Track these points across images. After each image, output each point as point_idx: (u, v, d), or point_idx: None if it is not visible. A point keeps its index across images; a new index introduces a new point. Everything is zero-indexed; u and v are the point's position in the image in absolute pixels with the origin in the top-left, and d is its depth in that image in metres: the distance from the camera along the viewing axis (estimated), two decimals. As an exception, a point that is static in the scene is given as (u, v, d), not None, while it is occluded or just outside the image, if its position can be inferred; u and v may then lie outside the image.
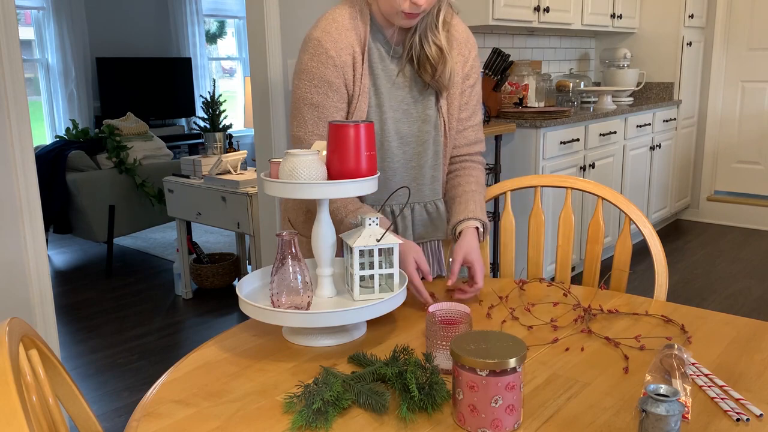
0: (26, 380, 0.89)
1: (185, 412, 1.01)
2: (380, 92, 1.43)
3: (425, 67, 1.44)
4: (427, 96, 1.48)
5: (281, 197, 1.53)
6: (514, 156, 3.43)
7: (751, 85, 5.02)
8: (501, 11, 3.42)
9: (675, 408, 0.86)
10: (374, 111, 1.43)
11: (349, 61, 1.38)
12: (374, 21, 1.42)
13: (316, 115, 1.39)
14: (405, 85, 1.46)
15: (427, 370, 1.04)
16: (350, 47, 1.38)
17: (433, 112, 1.49)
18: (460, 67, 1.51)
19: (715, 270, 4.14)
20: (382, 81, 1.44)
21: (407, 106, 1.47)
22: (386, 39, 1.44)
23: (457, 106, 1.52)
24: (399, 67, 1.45)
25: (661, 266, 1.55)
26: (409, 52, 1.43)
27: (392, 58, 1.45)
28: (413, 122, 1.47)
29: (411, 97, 1.47)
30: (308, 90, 1.39)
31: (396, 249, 1.29)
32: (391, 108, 1.44)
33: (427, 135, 1.49)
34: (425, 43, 1.42)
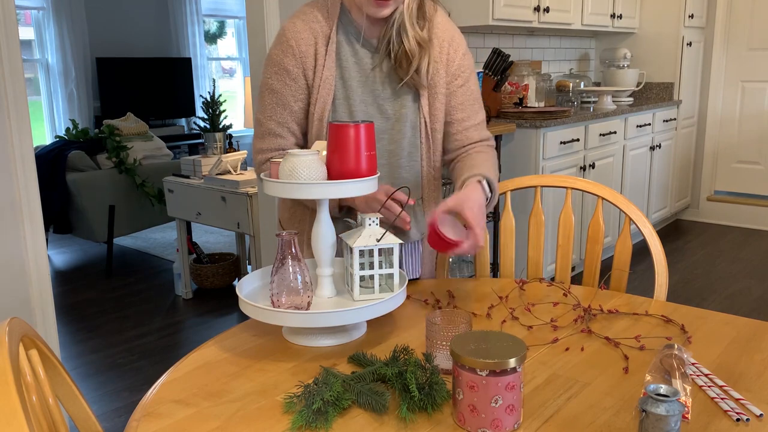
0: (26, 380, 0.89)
1: (185, 412, 1.01)
2: (349, 85, 1.42)
3: (401, 63, 1.41)
4: (405, 94, 1.45)
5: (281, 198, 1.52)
6: (514, 156, 3.43)
7: (751, 85, 5.02)
8: (501, 11, 3.42)
9: (675, 408, 0.86)
10: (342, 103, 1.43)
11: (309, 51, 1.39)
12: (347, 14, 1.42)
13: (275, 101, 1.42)
14: (381, 80, 1.44)
15: (427, 370, 1.04)
16: (312, 39, 1.39)
17: (410, 111, 1.46)
18: (443, 67, 1.46)
19: (715, 270, 4.14)
20: (352, 74, 1.42)
21: (382, 102, 1.44)
22: (361, 33, 1.42)
23: (442, 107, 1.48)
24: (375, 62, 1.43)
25: (661, 266, 1.55)
26: (387, 46, 1.40)
27: (369, 53, 1.43)
28: (386, 119, 1.45)
29: (386, 94, 1.44)
30: (270, 77, 1.42)
31: (396, 249, 1.29)
32: (362, 102, 1.43)
33: (401, 134, 1.46)
34: (403, 36, 1.38)
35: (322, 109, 1.41)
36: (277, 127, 1.44)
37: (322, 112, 1.41)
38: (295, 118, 1.44)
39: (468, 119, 1.52)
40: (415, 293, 1.50)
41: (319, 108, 1.41)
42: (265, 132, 1.44)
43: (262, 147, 1.46)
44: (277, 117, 1.43)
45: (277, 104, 1.42)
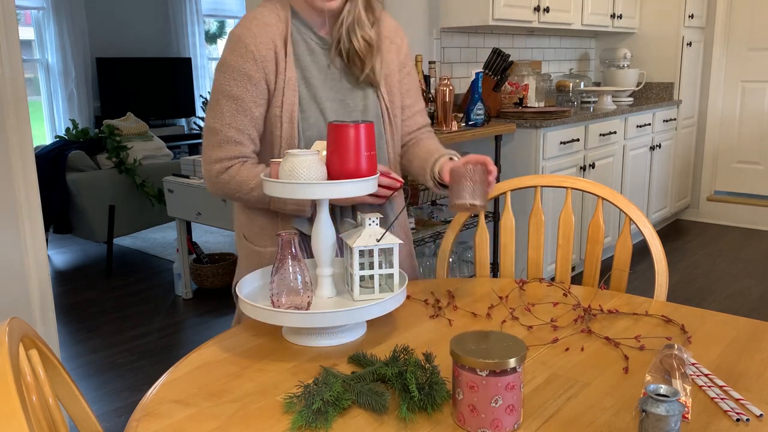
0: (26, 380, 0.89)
1: (185, 412, 1.01)
2: (312, 84, 1.43)
3: (354, 62, 1.44)
4: (365, 87, 1.48)
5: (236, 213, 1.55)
6: (514, 156, 3.43)
7: (751, 85, 5.02)
8: (501, 11, 3.42)
9: (675, 408, 0.86)
10: (310, 103, 1.43)
11: (269, 55, 1.39)
12: (297, 15, 1.43)
13: (235, 108, 1.39)
14: (339, 76, 1.46)
15: (427, 370, 1.04)
16: (271, 42, 1.39)
17: (372, 102, 1.49)
18: (395, 56, 1.53)
19: (715, 270, 4.14)
20: (313, 73, 1.44)
21: (344, 97, 1.46)
22: (314, 31, 1.44)
23: (398, 95, 1.54)
24: (329, 59, 1.45)
25: (661, 266, 1.55)
26: (338, 45, 1.43)
27: (324, 50, 1.45)
28: (352, 112, 1.47)
29: (346, 89, 1.47)
30: (228, 83, 1.39)
31: (396, 249, 1.29)
32: (327, 99, 1.44)
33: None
34: (353, 36, 1.42)
35: (291, 111, 1.40)
36: (237, 135, 1.40)
37: (291, 113, 1.40)
38: (255, 124, 1.42)
39: (414, 105, 1.59)
40: (415, 293, 1.50)
41: (287, 110, 1.40)
42: (223, 140, 1.41)
43: (220, 156, 1.42)
44: (237, 124, 1.40)
45: (237, 111, 1.40)
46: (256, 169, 1.41)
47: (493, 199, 2.78)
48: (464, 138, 2.97)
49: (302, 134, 1.42)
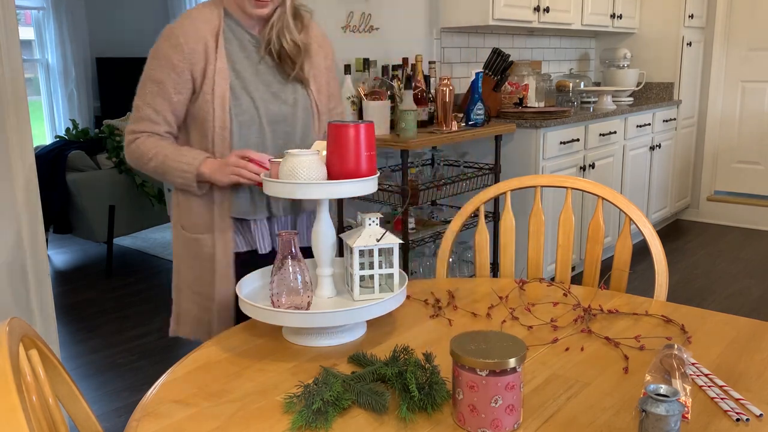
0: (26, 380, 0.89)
1: (185, 412, 1.01)
2: (243, 76, 1.55)
3: (285, 61, 1.58)
4: (295, 82, 1.61)
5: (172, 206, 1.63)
6: (514, 156, 3.43)
7: (751, 85, 5.02)
8: (501, 11, 3.41)
9: (675, 408, 0.86)
10: (241, 92, 1.54)
11: (198, 48, 1.51)
12: (231, 16, 1.56)
13: (155, 91, 1.53)
14: (270, 72, 1.58)
15: (427, 370, 1.04)
16: (202, 37, 1.52)
17: (302, 96, 1.61)
18: (323, 59, 1.66)
19: (715, 270, 4.14)
20: (244, 66, 1.56)
21: (275, 90, 1.58)
22: (246, 30, 1.57)
23: (326, 94, 1.67)
24: (261, 56, 1.57)
25: (661, 266, 1.55)
26: (268, 45, 1.56)
27: (255, 48, 1.57)
28: (282, 104, 1.58)
29: (278, 83, 1.58)
30: (154, 68, 1.53)
31: (396, 249, 1.29)
32: (257, 90, 1.55)
33: (296, 118, 1.59)
34: (282, 39, 1.56)
35: (222, 97, 1.51)
36: (153, 114, 1.54)
37: (222, 98, 1.51)
38: (172, 108, 1.54)
39: (337, 107, 1.74)
40: (415, 293, 1.50)
41: (218, 95, 1.51)
42: (141, 117, 1.55)
43: (135, 129, 1.56)
44: (156, 105, 1.53)
45: (157, 94, 1.53)
46: (159, 143, 1.54)
47: (492, 199, 2.77)
48: (464, 138, 2.98)
49: (234, 118, 1.52)
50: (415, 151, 3.17)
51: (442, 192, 3.01)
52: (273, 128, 1.56)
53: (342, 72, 3.00)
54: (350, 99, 2.90)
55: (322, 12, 2.93)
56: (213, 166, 1.51)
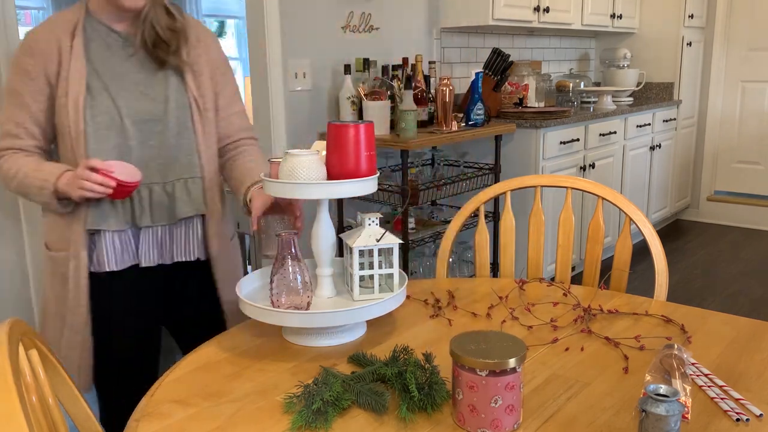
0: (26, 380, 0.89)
1: (185, 412, 1.01)
2: (104, 76, 1.45)
3: (160, 47, 1.48)
4: (168, 78, 1.50)
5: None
6: (514, 156, 3.43)
7: (751, 85, 5.02)
8: (501, 11, 3.41)
9: (675, 408, 0.86)
10: (100, 92, 1.43)
11: (50, 50, 1.42)
12: (93, 14, 1.47)
13: (14, 103, 1.44)
14: (139, 69, 1.48)
15: (427, 370, 1.04)
16: (55, 38, 1.43)
17: (175, 92, 1.50)
18: (203, 52, 1.55)
19: (715, 270, 4.14)
20: (108, 66, 1.46)
21: (143, 88, 1.48)
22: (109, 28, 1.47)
23: (210, 90, 1.56)
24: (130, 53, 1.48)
25: (661, 266, 1.55)
26: (142, 36, 1.47)
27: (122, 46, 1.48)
28: (150, 102, 1.47)
29: (148, 80, 1.48)
30: (12, 79, 1.45)
31: (396, 249, 1.29)
32: (123, 89, 1.45)
33: (168, 115, 1.48)
34: (157, 27, 1.46)
35: (76, 98, 1.41)
36: (15, 128, 1.44)
37: (75, 101, 1.41)
38: (33, 119, 1.44)
39: (229, 107, 1.61)
40: (415, 293, 1.50)
41: (72, 98, 1.41)
42: (4, 133, 1.46)
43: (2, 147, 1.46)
44: (15, 118, 1.44)
45: (15, 105, 1.44)
46: (20, 160, 1.43)
47: (492, 199, 2.77)
48: (464, 138, 2.98)
49: (90, 121, 1.41)
50: (415, 151, 3.17)
51: (442, 192, 3.01)
52: (140, 128, 1.45)
53: (342, 72, 3.00)
54: (350, 99, 2.90)
55: (322, 12, 2.94)
56: (67, 179, 1.38)
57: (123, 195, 1.38)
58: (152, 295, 1.56)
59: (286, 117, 2.85)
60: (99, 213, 1.43)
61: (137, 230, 1.49)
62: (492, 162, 3.29)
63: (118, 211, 1.45)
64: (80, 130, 1.40)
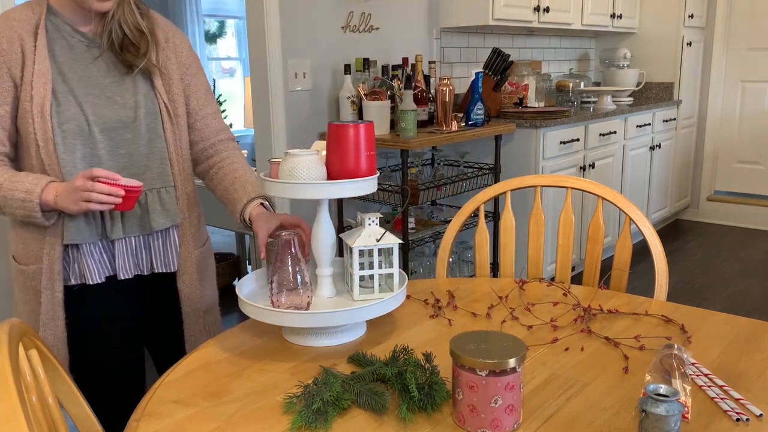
0: (26, 380, 0.89)
1: (185, 412, 1.01)
2: (69, 78, 1.36)
3: (128, 49, 1.40)
4: (138, 82, 1.42)
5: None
6: (514, 156, 3.43)
7: (751, 85, 5.02)
8: (501, 11, 3.41)
9: (675, 408, 0.86)
10: (66, 96, 1.35)
11: (13, 48, 1.32)
12: (55, 13, 1.37)
13: None
14: (106, 72, 1.40)
15: (427, 370, 1.04)
16: (16, 36, 1.33)
17: (144, 98, 1.42)
18: (172, 53, 1.48)
19: (715, 270, 4.14)
20: (72, 68, 1.37)
21: (111, 94, 1.39)
22: (74, 28, 1.38)
23: (180, 93, 1.48)
24: (96, 54, 1.40)
25: (661, 266, 1.55)
26: (109, 37, 1.39)
27: (87, 47, 1.39)
28: (119, 109, 1.39)
29: (115, 85, 1.40)
30: None
31: (395, 249, 1.29)
32: (89, 95, 1.37)
33: (138, 122, 1.41)
34: (124, 26, 1.39)
35: (42, 104, 1.32)
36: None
37: (41, 106, 1.32)
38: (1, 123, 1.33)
39: (203, 108, 1.54)
40: (415, 293, 1.50)
41: (37, 103, 1.31)
42: None
43: None
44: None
45: None
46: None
47: (492, 199, 2.77)
48: (464, 138, 2.98)
49: (57, 128, 1.32)
50: (415, 151, 3.17)
51: (442, 192, 3.01)
52: (109, 136, 1.37)
53: (342, 72, 3.00)
54: (350, 99, 2.90)
55: (322, 12, 2.94)
56: (59, 191, 1.29)
57: (131, 204, 1.30)
58: (129, 306, 1.49)
59: (286, 117, 2.85)
60: (75, 226, 1.36)
61: (111, 242, 1.42)
62: (492, 162, 3.29)
63: (90, 223, 1.37)
64: (48, 137, 1.32)
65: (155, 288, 1.53)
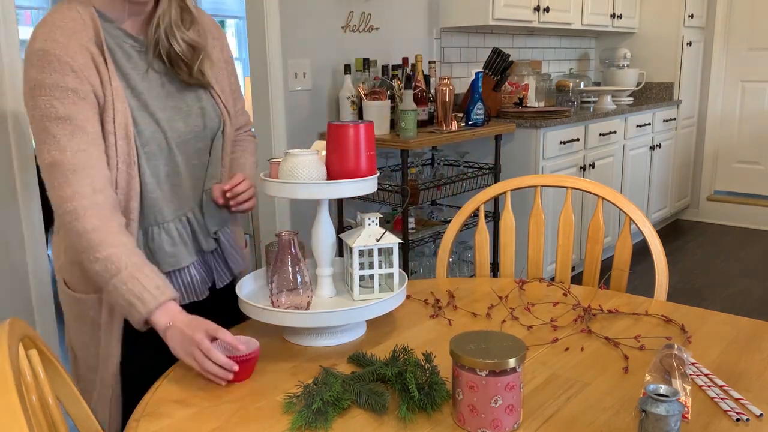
0: (26, 380, 0.89)
1: (185, 412, 1.01)
2: (139, 92, 1.24)
3: (179, 66, 1.27)
4: (195, 87, 1.32)
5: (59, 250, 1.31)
6: (514, 156, 3.43)
7: (751, 85, 5.02)
8: (501, 11, 3.41)
9: (675, 408, 0.86)
10: (142, 114, 1.23)
11: (89, 63, 1.17)
12: (103, 16, 1.22)
13: (70, 130, 1.15)
14: (162, 80, 1.28)
15: (427, 370, 1.04)
16: (85, 49, 1.17)
17: (208, 103, 1.33)
18: (219, 53, 1.40)
19: (715, 270, 4.14)
20: (137, 80, 1.24)
21: (176, 102, 1.28)
22: (125, 32, 1.24)
23: (230, 93, 1.41)
24: (148, 61, 1.26)
25: (661, 266, 1.55)
26: (156, 47, 1.25)
27: (139, 52, 1.26)
28: (187, 117, 1.29)
29: (175, 92, 1.29)
30: (51, 104, 1.14)
31: (395, 248, 1.29)
32: (159, 108, 1.25)
33: (206, 130, 1.32)
34: (172, 39, 1.25)
35: (125, 125, 1.20)
36: (87, 159, 1.15)
37: (125, 127, 1.20)
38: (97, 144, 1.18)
39: (237, 103, 1.46)
40: (415, 293, 1.50)
41: (120, 124, 1.19)
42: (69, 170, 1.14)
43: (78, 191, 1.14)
44: (78, 146, 1.15)
45: (73, 133, 1.15)
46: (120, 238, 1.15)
47: (492, 199, 2.77)
48: (464, 138, 2.97)
49: (141, 149, 1.22)
50: (415, 151, 3.17)
51: (442, 192, 3.01)
52: (183, 150, 1.28)
53: (342, 72, 3.00)
54: (350, 99, 2.90)
55: (322, 12, 2.93)
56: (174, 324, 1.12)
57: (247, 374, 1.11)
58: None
59: (286, 117, 2.85)
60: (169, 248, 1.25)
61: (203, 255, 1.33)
62: (492, 162, 3.29)
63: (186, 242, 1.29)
64: (133, 162, 1.20)
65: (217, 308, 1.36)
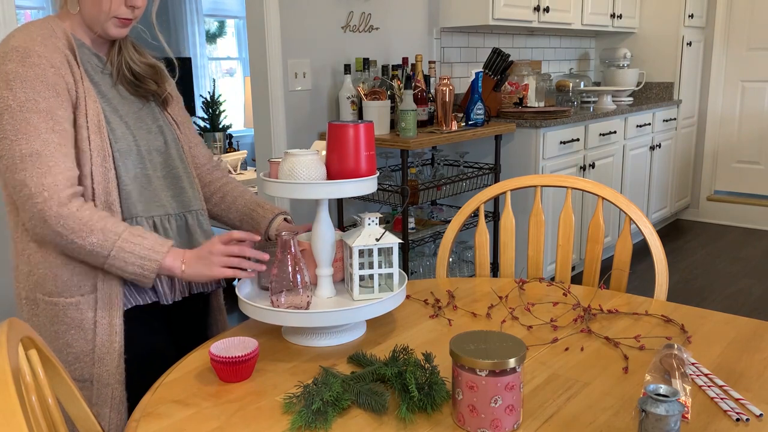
0: (26, 380, 0.89)
1: (185, 412, 1.01)
2: (109, 98, 1.31)
3: (147, 84, 1.37)
4: (153, 108, 1.40)
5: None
6: (514, 156, 3.43)
7: (751, 85, 5.02)
8: (501, 11, 3.41)
9: (675, 408, 0.86)
10: (113, 116, 1.29)
11: (65, 63, 1.23)
12: (74, 36, 1.30)
13: (51, 125, 1.18)
14: (130, 98, 1.36)
15: (427, 370, 1.04)
16: (60, 51, 1.23)
17: (165, 125, 1.40)
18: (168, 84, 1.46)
19: (715, 270, 4.14)
20: (106, 88, 1.32)
21: (138, 118, 1.36)
22: (93, 53, 1.32)
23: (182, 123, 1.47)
24: (114, 82, 1.34)
25: (662, 266, 1.55)
26: (119, 69, 1.34)
27: (105, 73, 1.33)
28: (149, 131, 1.36)
29: (140, 110, 1.36)
30: (30, 97, 1.18)
31: (395, 248, 1.29)
32: (126, 114, 1.33)
33: (167, 145, 1.38)
34: (132, 64, 1.35)
35: (97, 120, 1.25)
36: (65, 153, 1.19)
37: (98, 123, 1.25)
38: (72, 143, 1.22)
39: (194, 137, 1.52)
40: (414, 293, 1.50)
41: (93, 120, 1.24)
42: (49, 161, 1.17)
43: (55, 182, 1.17)
44: (59, 138, 1.19)
45: (53, 128, 1.19)
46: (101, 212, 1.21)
47: (492, 199, 2.77)
48: (464, 138, 2.98)
49: (114, 145, 1.27)
50: (415, 151, 3.17)
51: (442, 192, 3.01)
52: (151, 158, 1.34)
53: (342, 72, 3.00)
54: (350, 99, 2.90)
55: (322, 12, 2.94)
56: (187, 258, 1.22)
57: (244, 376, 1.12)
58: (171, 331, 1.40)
59: (286, 117, 2.85)
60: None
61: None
62: (492, 162, 3.29)
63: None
64: (108, 156, 1.25)
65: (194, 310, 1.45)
